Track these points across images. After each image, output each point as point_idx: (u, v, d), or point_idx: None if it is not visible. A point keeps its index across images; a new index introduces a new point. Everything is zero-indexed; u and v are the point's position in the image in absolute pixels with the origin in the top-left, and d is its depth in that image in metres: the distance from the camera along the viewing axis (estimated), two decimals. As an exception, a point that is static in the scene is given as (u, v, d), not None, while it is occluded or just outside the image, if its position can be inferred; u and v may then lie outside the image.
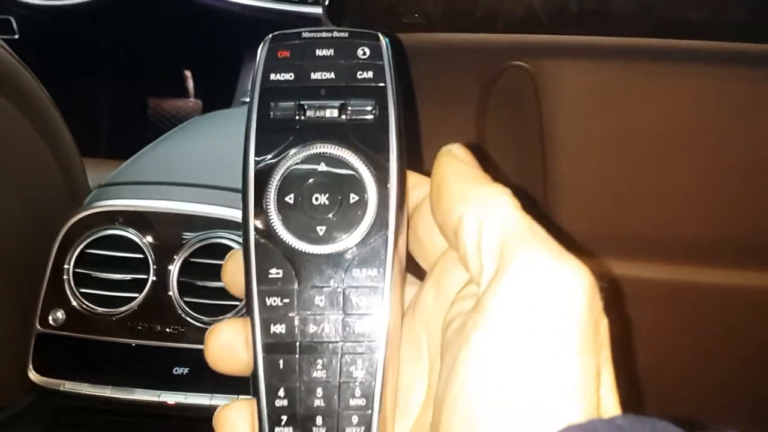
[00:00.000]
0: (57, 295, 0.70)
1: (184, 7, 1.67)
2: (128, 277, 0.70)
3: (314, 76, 0.31)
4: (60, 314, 0.69)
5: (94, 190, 0.77)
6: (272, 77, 0.32)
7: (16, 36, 1.65)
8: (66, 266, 0.70)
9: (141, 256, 0.70)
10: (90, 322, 0.69)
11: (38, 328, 0.69)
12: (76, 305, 0.69)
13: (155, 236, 0.70)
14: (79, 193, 0.79)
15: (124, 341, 0.69)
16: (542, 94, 0.61)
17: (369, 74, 0.31)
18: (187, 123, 1.01)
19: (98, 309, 0.69)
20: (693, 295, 0.69)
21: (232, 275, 0.33)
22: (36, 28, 1.67)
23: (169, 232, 0.70)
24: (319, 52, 0.32)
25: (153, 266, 0.69)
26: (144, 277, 0.69)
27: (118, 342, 0.69)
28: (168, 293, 0.69)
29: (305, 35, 0.32)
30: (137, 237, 0.70)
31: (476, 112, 0.64)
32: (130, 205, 0.72)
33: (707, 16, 0.49)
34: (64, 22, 1.70)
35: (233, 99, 1.65)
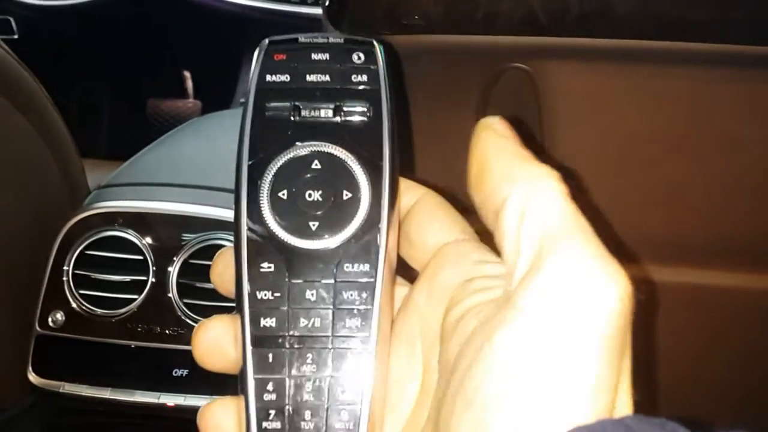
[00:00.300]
0: (56, 297, 0.70)
1: (184, 8, 1.67)
2: (128, 278, 0.70)
3: (310, 78, 0.32)
4: (59, 315, 0.69)
5: (94, 191, 0.77)
6: (268, 78, 0.32)
7: (16, 36, 1.65)
8: (65, 267, 0.70)
9: (140, 257, 0.70)
10: (89, 323, 0.69)
11: (37, 330, 0.69)
12: (76, 307, 0.69)
13: (155, 237, 0.70)
14: (78, 194, 0.79)
15: (123, 343, 0.69)
16: (542, 96, 0.61)
17: (363, 78, 0.32)
18: (186, 124, 1.01)
19: (98, 310, 0.69)
20: (692, 296, 0.69)
21: (221, 274, 0.33)
22: (35, 29, 1.66)
23: (168, 234, 0.70)
24: (314, 56, 0.32)
25: (152, 268, 0.69)
26: (143, 278, 0.69)
27: (118, 343, 0.69)
28: (167, 295, 0.69)
29: (302, 40, 0.33)
30: (137, 238, 0.70)
31: (476, 113, 0.64)
32: (130, 206, 0.72)
33: (708, 18, 0.49)
34: (64, 23, 1.69)
35: (232, 100, 1.65)
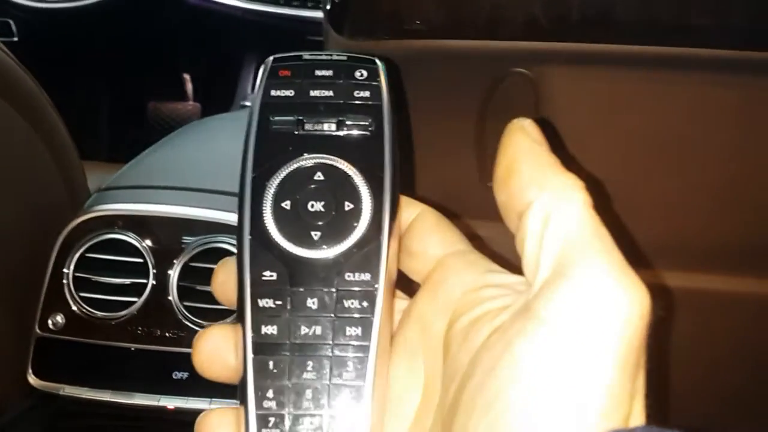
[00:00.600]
0: (56, 299, 0.70)
1: (184, 11, 1.67)
2: (128, 281, 0.70)
3: (313, 93, 0.33)
4: (59, 318, 0.69)
5: (94, 194, 0.77)
6: (273, 93, 0.33)
7: (16, 39, 1.65)
8: (66, 270, 0.69)
9: (141, 260, 0.70)
10: (89, 326, 0.69)
11: (37, 332, 0.69)
12: (76, 309, 0.69)
13: (155, 240, 0.70)
14: (78, 197, 0.79)
15: (123, 345, 0.69)
16: (543, 102, 0.61)
17: (366, 93, 0.33)
18: (187, 127, 1.01)
19: (98, 313, 0.69)
20: (699, 301, 0.69)
21: (222, 284, 0.34)
22: (35, 31, 1.66)
23: (168, 237, 0.70)
24: (318, 72, 0.34)
25: (153, 270, 0.69)
26: (144, 281, 0.69)
27: (118, 346, 0.69)
28: (168, 297, 0.69)
29: (306, 57, 0.34)
30: (137, 241, 0.70)
31: (477, 118, 0.64)
32: (130, 209, 0.72)
33: (711, 24, 0.49)
34: (64, 25, 1.69)
35: (232, 103, 1.65)
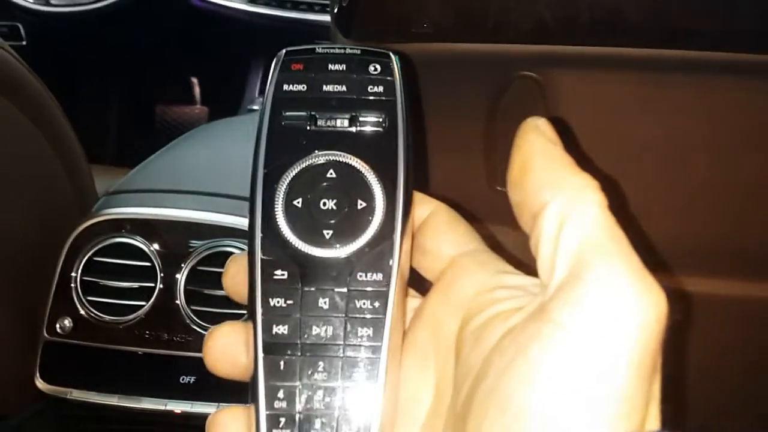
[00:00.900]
0: (64, 303, 0.70)
1: (191, 15, 1.68)
2: (135, 285, 0.70)
3: (326, 88, 0.32)
4: (67, 322, 0.69)
5: (102, 198, 0.78)
6: (285, 87, 0.32)
7: (24, 42, 1.66)
8: (73, 274, 0.70)
9: (148, 264, 0.70)
10: (97, 330, 0.69)
11: (45, 336, 0.69)
12: (84, 313, 0.69)
13: (163, 244, 0.70)
14: (86, 201, 0.79)
15: (131, 349, 0.69)
16: (551, 105, 0.60)
17: (380, 89, 0.32)
18: (194, 131, 1.01)
19: (105, 317, 0.69)
20: (705, 306, 0.69)
21: (233, 278, 0.33)
22: (44, 35, 1.67)
23: (176, 240, 0.70)
24: (331, 67, 0.33)
25: (160, 274, 0.69)
26: (151, 285, 0.69)
27: (125, 350, 0.69)
28: (175, 301, 0.69)
29: (319, 51, 0.33)
30: (145, 245, 0.70)
31: (485, 122, 0.64)
32: (138, 213, 0.72)
33: (719, 27, 0.49)
34: (72, 29, 1.70)
35: (240, 106, 1.65)
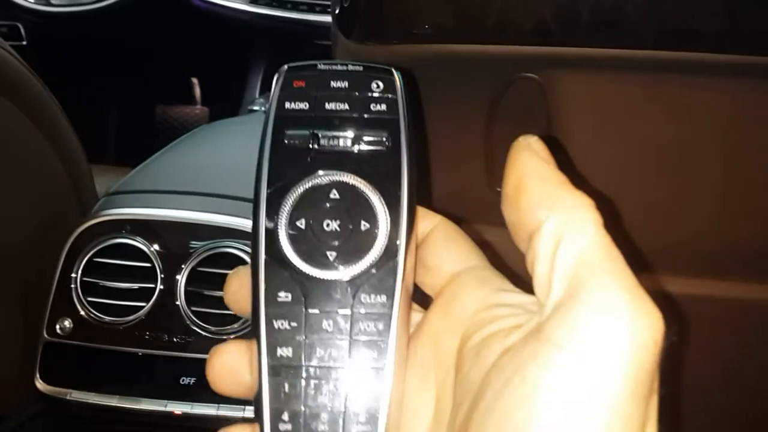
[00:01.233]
0: (64, 304, 0.70)
1: (192, 15, 1.68)
2: (135, 286, 0.70)
3: (329, 106, 0.32)
4: (67, 323, 0.69)
5: (102, 198, 0.78)
6: (287, 105, 0.32)
7: (25, 42, 1.66)
8: (73, 275, 0.70)
9: (148, 264, 0.70)
10: (97, 331, 0.69)
11: (45, 337, 0.69)
12: (84, 314, 0.69)
13: (163, 245, 0.70)
14: (87, 201, 0.79)
15: (131, 350, 0.69)
16: (552, 106, 0.60)
17: (382, 107, 0.32)
18: (195, 131, 1.01)
19: (105, 318, 0.69)
20: (702, 308, 0.69)
21: (234, 293, 0.33)
22: (44, 35, 1.67)
23: (176, 241, 0.70)
24: (333, 84, 0.32)
25: (160, 275, 0.69)
26: (151, 286, 0.69)
27: (125, 351, 0.69)
28: (175, 302, 0.69)
29: (320, 67, 0.33)
30: (145, 246, 0.70)
31: (485, 123, 0.64)
32: (138, 213, 0.72)
33: (721, 28, 0.49)
34: (72, 29, 1.70)
35: (240, 106, 1.65)
